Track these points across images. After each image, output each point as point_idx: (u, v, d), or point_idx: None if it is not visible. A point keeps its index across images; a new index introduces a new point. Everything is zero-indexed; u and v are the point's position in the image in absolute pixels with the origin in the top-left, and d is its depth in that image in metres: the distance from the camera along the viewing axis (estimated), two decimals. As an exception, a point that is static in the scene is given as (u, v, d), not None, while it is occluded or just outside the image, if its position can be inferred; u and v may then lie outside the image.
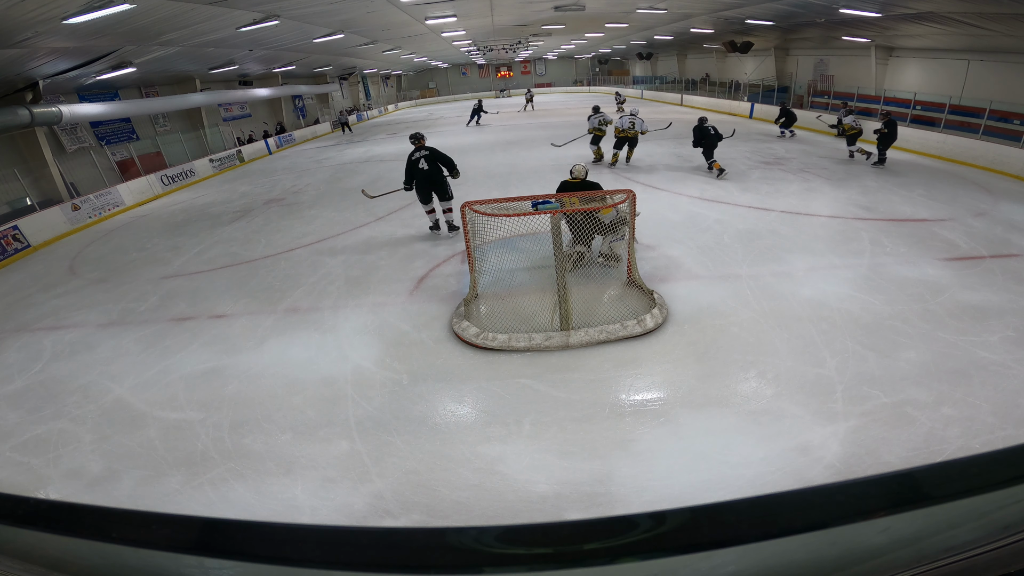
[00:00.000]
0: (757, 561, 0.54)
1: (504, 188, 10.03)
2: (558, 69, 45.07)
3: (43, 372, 4.78)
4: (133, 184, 12.99)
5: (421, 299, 5.50)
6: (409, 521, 2.84)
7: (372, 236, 7.84)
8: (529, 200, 4.86)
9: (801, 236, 6.53)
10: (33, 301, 6.72)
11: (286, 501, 3.03)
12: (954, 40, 12.41)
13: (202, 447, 3.53)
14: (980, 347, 3.94)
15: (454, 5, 14.12)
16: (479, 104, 23.32)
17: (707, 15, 16.29)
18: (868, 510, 0.51)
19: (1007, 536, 0.57)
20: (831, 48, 17.32)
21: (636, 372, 3.98)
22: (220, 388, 4.21)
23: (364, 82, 35.17)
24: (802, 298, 4.89)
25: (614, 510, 2.80)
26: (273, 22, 11.45)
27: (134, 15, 8.49)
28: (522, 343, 4.35)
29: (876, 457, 2.99)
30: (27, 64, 9.74)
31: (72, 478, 3.38)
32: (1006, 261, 5.50)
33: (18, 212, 10.36)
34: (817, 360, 3.92)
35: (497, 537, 0.53)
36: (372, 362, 4.39)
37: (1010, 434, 3.08)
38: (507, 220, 4.71)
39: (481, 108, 23.05)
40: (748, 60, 21.48)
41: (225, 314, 5.60)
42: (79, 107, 12.38)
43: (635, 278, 5.19)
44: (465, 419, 3.65)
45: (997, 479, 0.52)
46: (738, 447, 3.14)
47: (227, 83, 19.80)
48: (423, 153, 6.91)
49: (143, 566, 0.59)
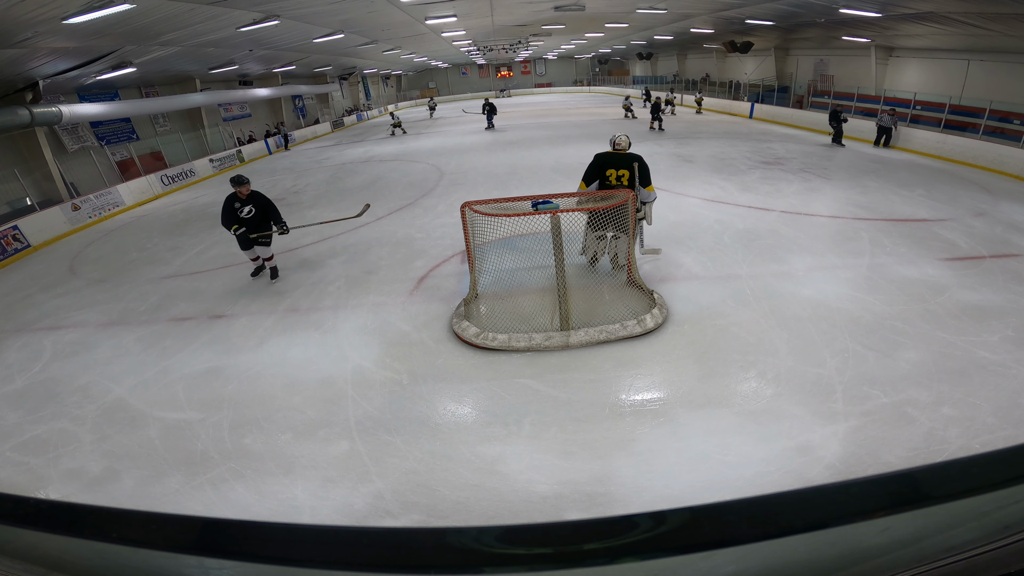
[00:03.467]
0: (757, 561, 0.54)
1: (504, 188, 10.03)
2: (558, 69, 45.09)
3: (43, 372, 4.78)
4: (133, 184, 12.99)
5: (421, 299, 5.49)
6: (409, 521, 2.84)
7: (372, 236, 7.83)
8: (529, 200, 4.85)
9: (801, 236, 6.53)
10: (33, 301, 6.72)
11: (286, 501, 3.02)
12: (954, 40, 12.41)
13: (202, 447, 3.53)
14: (980, 347, 3.94)
15: (454, 5, 14.12)
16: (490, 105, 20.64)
17: (707, 15, 16.29)
18: (868, 510, 0.51)
19: (1007, 536, 0.57)
20: (831, 48, 17.33)
21: (636, 372, 3.98)
22: (220, 388, 4.21)
23: (364, 82, 35.20)
24: (802, 298, 4.89)
25: (614, 510, 2.80)
26: (273, 22, 11.45)
27: (134, 15, 8.49)
28: (522, 343, 4.35)
29: (876, 457, 2.99)
30: (27, 64, 9.75)
31: (72, 478, 3.38)
32: (1006, 261, 5.50)
33: (18, 212, 10.37)
34: (817, 360, 3.92)
35: (497, 537, 0.53)
36: (372, 362, 4.39)
37: (1010, 434, 3.08)
38: (507, 220, 4.71)
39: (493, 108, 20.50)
40: (748, 60, 21.48)
41: (225, 314, 5.60)
42: (79, 107, 12.40)
43: (635, 278, 5.19)
44: (465, 419, 3.65)
45: (997, 479, 0.52)
46: (738, 447, 3.14)
47: (227, 83, 19.80)
48: (247, 203, 5.91)
49: (143, 566, 0.59)
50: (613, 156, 5.30)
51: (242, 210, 5.90)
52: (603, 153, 5.37)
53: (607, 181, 5.27)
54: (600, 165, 5.29)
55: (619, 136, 5.42)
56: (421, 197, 9.93)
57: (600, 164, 5.29)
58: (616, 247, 5.47)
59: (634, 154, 5.32)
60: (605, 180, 5.27)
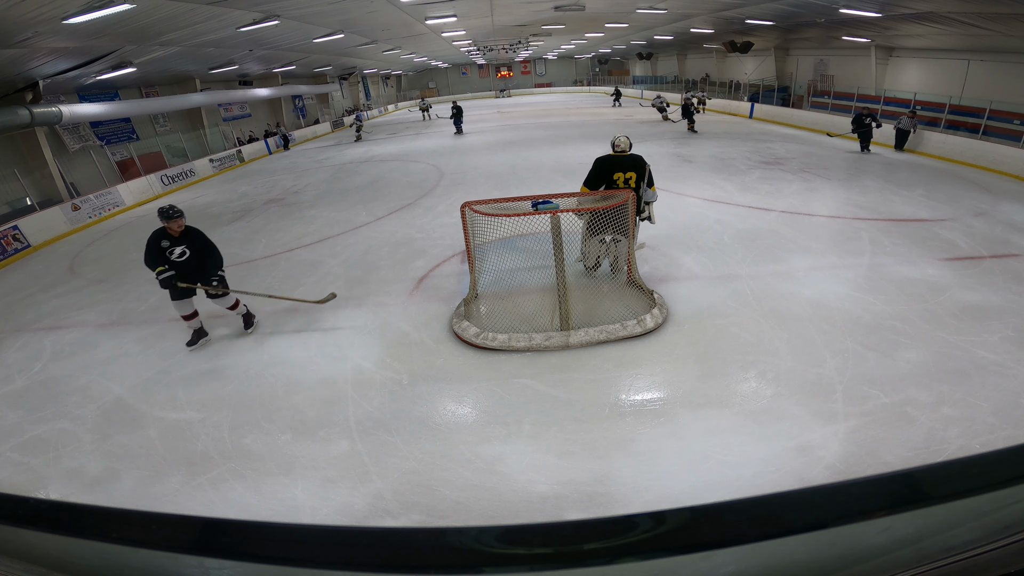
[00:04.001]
0: (757, 561, 0.54)
1: (504, 188, 10.03)
2: (558, 69, 45.08)
3: (43, 372, 4.78)
4: (133, 184, 13.00)
5: (421, 299, 5.49)
6: (409, 521, 2.84)
7: (372, 236, 7.83)
8: (529, 200, 4.85)
9: (801, 236, 6.53)
10: (33, 301, 6.72)
11: (286, 501, 3.02)
12: (954, 40, 12.41)
13: (202, 447, 3.53)
14: (980, 347, 3.94)
15: (454, 5, 14.12)
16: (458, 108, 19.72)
17: (707, 15, 16.29)
18: (868, 510, 0.51)
19: (1007, 536, 0.57)
20: (831, 48, 17.33)
21: (636, 372, 3.98)
22: (220, 388, 4.21)
23: (364, 82, 35.19)
24: (802, 298, 4.89)
25: (614, 510, 2.80)
26: (273, 22, 11.45)
27: (134, 15, 8.49)
28: (522, 343, 4.35)
29: (876, 457, 2.99)
30: (27, 64, 9.75)
31: (72, 478, 3.38)
32: (1006, 261, 5.50)
33: (18, 212, 10.37)
34: (817, 360, 3.92)
35: (497, 537, 0.53)
36: (372, 362, 4.39)
37: (1010, 434, 3.08)
38: (507, 220, 4.71)
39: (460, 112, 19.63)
40: (748, 60, 21.48)
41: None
42: (79, 107, 12.40)
43: (635, 278, 5.19)
44: (465, 419, 3.65)
45: (997, 479, 0.52)
46: (738, 447, 3.14)
47: (227, 83, 19.80)
48: (179, 242, 4.56)
49: (143, 566, 0.59)
50: (618, 159, 5.19)
51: (172, 251, 4.53)
52: (606, 156, 5.25)
53: (615, 185, 5.14)
54: (607, 169, 5.17)
55: (619, 138, 5.32)
56: (421, 197, 9.93)
57: (607, 168, 5.17)
58: (616, 251, 5.30)
59: (637, 155, 5.25)
60: (613, 184, 5.15)
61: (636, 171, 5.16)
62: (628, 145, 5.30)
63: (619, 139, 5.33)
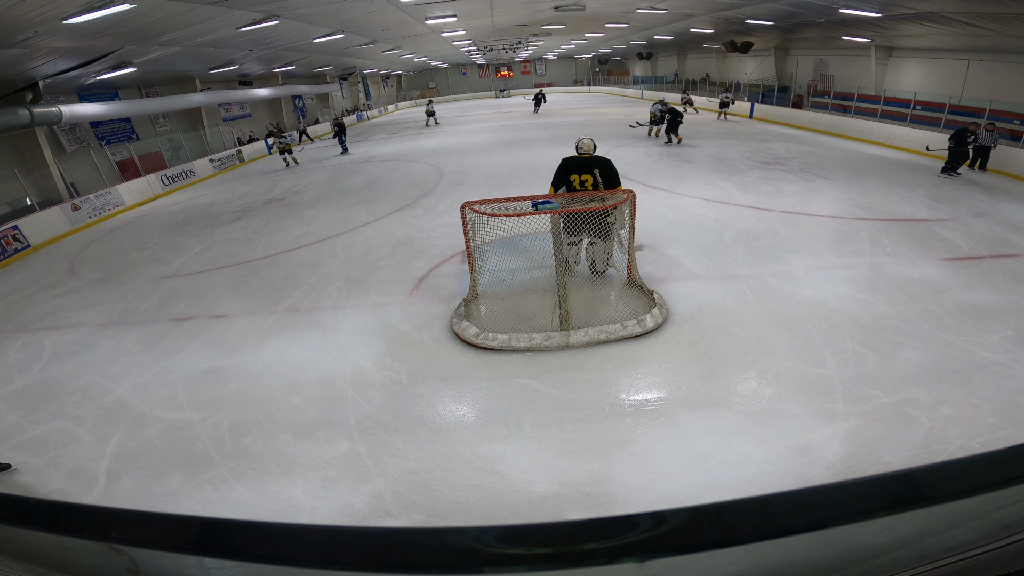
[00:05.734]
0: (757, 561, 0.54)
1: (504, 188, 10.03)
2: (558, 69, 45.07)
3: (43, 372, 4.78)
4: (133, 184, 12.99)
5: (421, 299, 5.49)
6: (409, 521, 2.84)
7: (372, 236, 7.83)
8: (529, 200, 4.85)
9: (801, 236, 6.53)
10: (33, 301, 6.72)
11: (286, 501, 3.02)
12: (954, 40, 12.41)
13: (202, 447, 3.53)
14: (980, 347, 3.94)
15: (454, 5, 14.12)
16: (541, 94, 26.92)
17: (707, 15, 16.29)
18: (868, 510, 0.51)
19: (1007, 536, 0.57)
20: (831, 48, 17.33)
21: (636, 372, 3.98)
22: (220, 388, 4.21)
23: (364, 82, 35.18)
24: (802, 298, 4.89)
25: (614, 510, 2.80)
26: (273, 22, 11.45)
27: (134, 15, 8.49)
28: (522, 343, 4.35)
29: (876, 457, 2.99)
30: (27, 64, 9.74)
31: (72, 478, 3.38)
32: (1006, 261, 5.50)
33: (18, 212, 10.36)
34: (817, 360, 3.92)
35: (497, 537, 0.53)
36: (372, 362, 4.39)
37: (1010, 434, 3.08)
38: (507, 220, 4.71)
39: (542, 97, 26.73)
40: (748, 60, 21.48)
41: (225, 314, 5.60)
42: (79, 107, 12.39)
43: (635, 278, 5.19)
44: (465, 419, 3.65)
45: (997, 479, 0.52)
46: (738, 447, 3.14)
47: (227, 83, 19.80)
48: None
49: (143, 566, 0.59)
50: (576, 160, 5.22)
51: None
52: (568, 157, 5.30)
53: (572, 186, 5.20)
54: (565, 170, 5.23)
55: (583, 140, 5.31)
56: (421, 197, 9.93)
57: (565, 169, 5.24)
58: (593, 253, 5.24)
59: (598, 158, 5.24)
60: (571, 185, 5.21)
61: (592, 174, 5.15)
62: (591, 147, 5.28)
63: (582, 141, 5.33)
